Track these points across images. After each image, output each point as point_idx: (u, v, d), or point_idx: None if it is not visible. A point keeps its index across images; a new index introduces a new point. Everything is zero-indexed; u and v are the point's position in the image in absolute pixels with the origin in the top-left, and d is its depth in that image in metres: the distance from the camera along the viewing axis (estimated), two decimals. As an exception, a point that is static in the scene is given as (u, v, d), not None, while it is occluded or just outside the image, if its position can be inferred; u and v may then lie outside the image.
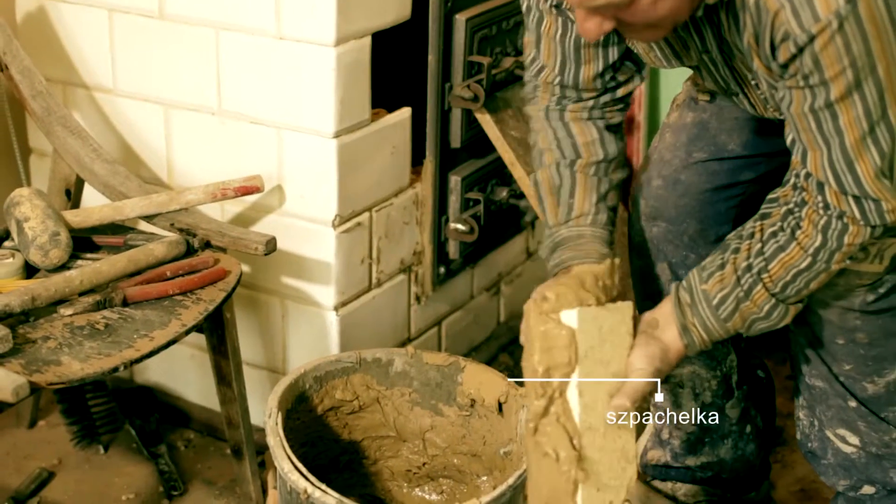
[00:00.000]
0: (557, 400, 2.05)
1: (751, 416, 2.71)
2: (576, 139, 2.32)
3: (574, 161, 2.31)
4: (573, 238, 2.27)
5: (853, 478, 2.45)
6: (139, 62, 2.87)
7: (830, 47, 1.89)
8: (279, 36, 2.67)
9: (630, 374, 2.10)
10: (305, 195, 2.76)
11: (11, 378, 2.07)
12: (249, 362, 2.90)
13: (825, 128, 1.97)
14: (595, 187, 2.30)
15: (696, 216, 2.54)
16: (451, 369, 2.53)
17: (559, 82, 2.31)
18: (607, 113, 2.34)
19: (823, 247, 2.06)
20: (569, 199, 2.30)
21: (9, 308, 2.27)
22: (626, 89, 2.34)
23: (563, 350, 2.05)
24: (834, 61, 1.90)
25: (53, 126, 2.76)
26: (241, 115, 2.78)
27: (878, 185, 1.98)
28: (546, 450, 2.05)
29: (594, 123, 2.33)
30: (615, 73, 2.31)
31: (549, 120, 2.34)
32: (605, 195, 2.31)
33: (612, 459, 2.08)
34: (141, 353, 2.27)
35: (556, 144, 2.33)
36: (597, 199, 2.30)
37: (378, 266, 2.91)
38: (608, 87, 2.32)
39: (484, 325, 3.40)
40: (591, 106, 2.33)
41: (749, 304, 2.13)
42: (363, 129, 2.76)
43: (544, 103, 2.35)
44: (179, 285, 2.44)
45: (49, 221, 2.48)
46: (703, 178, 2.53)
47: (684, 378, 2.65)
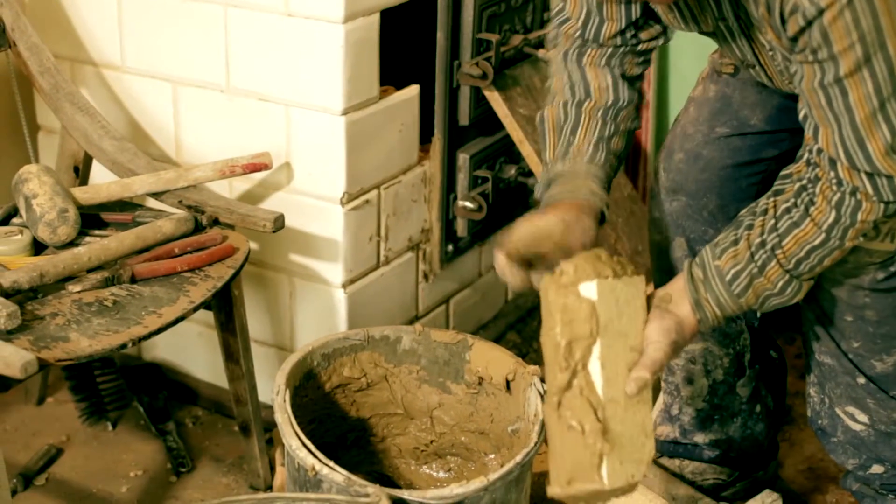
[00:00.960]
0: (580, 373, 2.05)
1: (761, 396, 2.71)
2: (589, 82, 2.31)
3: (583, 101, 2.30)
4: (567, 174, 2.26)
5: (862, 456, 2.45)
6: (148, 39, 2.87)
7: (839, 21, 1.88)
8: (288, 13, 2.66)
9: (647, 347, 2.10)
10: (314, 172, 2.76)
11: (20, 354, 2.07)
12: (257, 339, 2.90)
13: (835, 104, 1.96)
14: (599, 128, 2.29)
15: (717, 191, 2.54)
16: (459, 347, 2.53)
17: (581, 34, 2.31)
18: (626, 63, 2.33)
19: (837, 223, 2.05)
20: (570, 136, 2.29)
21: (17, 285, 2.27)
22: (648, 45, 2.33)
23: (585, 322, 2.05)
24: (843, 35, 1.89)
25: (62, 103, 2.76)
26: (249, 92, 2.77)
27: (890, 161, 1.97)
28: (571, 423, 2.04)
29: (611, 70, 2.32)
30: (637, 31, 2.30)
31: (567, 62, 2.34)
32: (610, 138, 2.30)
33: (632, 433, 2.08)
34: (149, 329, 2.27)
35: (568, 86, 2.33)
36: (598, 139, 2.28)
37: (386, 244, 2.91)
38: (629, 43, 2.31)
39: (492, 302, 3.40)
40: (609, 54, 2.32)
41: (763, 280, 2.12)
42: (371, 107, 2.76)
43: (564, 48, 2.34)
44: (187, 262, 2.44)
45: (57, 198, 2.48)
46: (725, 154, 2.53)
47: (696, 355, 2.66)
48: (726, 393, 2.68)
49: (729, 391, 2.68)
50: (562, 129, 2.29)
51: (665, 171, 2.59)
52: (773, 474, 2.82)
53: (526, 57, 3.10)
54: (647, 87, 3.65)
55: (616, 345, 2.07)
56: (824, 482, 2.89)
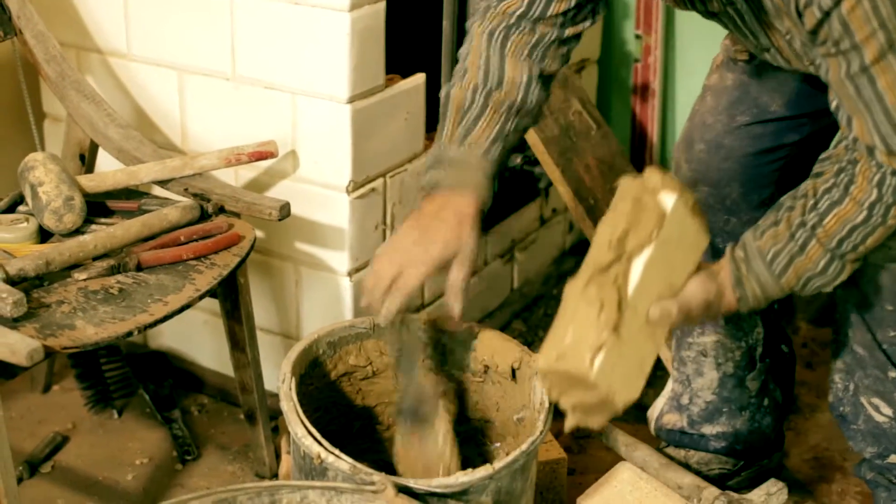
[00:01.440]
0: (622, 263, 2.04)
1: (769, 390, 2.71)
2: (505, 73, 2.27)
3: (493, 91, 2.27)
4: (459, 161, 2.24)
5: (881, 446, 2.46)
6: (153, 27, 2.87)
7: (857, 10, 1.87)
8: (294, 0, 2.66)
9: (684, 291, 2.11)
10: (319, 161, 2.75)
11: (26, 342, 2.07)
12: (263, 328, 2.90)
13: (864, 93, 1.96)
14: (500, 123, 2.27)
15: (739, 179, 2.55)
16: (465, 335, 2.53)
17: (520, 14, 2.25)
18: (548, 57, 2.29)
19: (879, 201, 2.04)
20: (471, 124, 2.26)
21: (23, 272, 2.27)
22: (575, 30, 2.28)
23: (649, 222, 2.04)
24: (863, 24, 1.88)
25: (67, 91, 2.76)
26: (255, 80, 2.77)
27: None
28: (593, 299, 2.03)
29: (530, 67, 2.28)
30: (577, 12, 2.27)
31: (490, 44, 2.28)
32: (508, 134, 2.28)
33: (633, 358, 2.07)
34: (155, 317, 2.27)
35: (483, 71, 2.28)
36: (496, 135, 2.26)
37: (392, 232, 2.91)
38: (565, 25, 2.27)
39: (497, 291, 3.40)
40: (535, 44, 2.27)
41: (804, 259, 2.11)
42: (377, 95, 2.76)
43: (491, 26, 2.28)
44: (193, 250, 2.44)
45: (63, 186, 2.48)
46: (747, 143, 2.54)
47: (708, 347, 2.65)
48: (735, 386, 2.68)
49: (738, 384, 2.68)
50: (465, 114, 2.27)
51: (687, 163, 2.60)
52: (778, 463, 2.82)
53: (532, 45, 3.10)
54: (652, 78, 3.65)
55: (662, 265, 2.06)
56: (830, 471, 2.89)
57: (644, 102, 3.68)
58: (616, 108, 3.80)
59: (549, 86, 2.34)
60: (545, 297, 3.49)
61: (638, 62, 3.67)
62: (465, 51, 2.33)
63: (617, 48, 3.74)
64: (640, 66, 3.66)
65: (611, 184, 3.08)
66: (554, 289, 3.54)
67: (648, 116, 3.69)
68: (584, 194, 3.02)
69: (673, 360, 2.79)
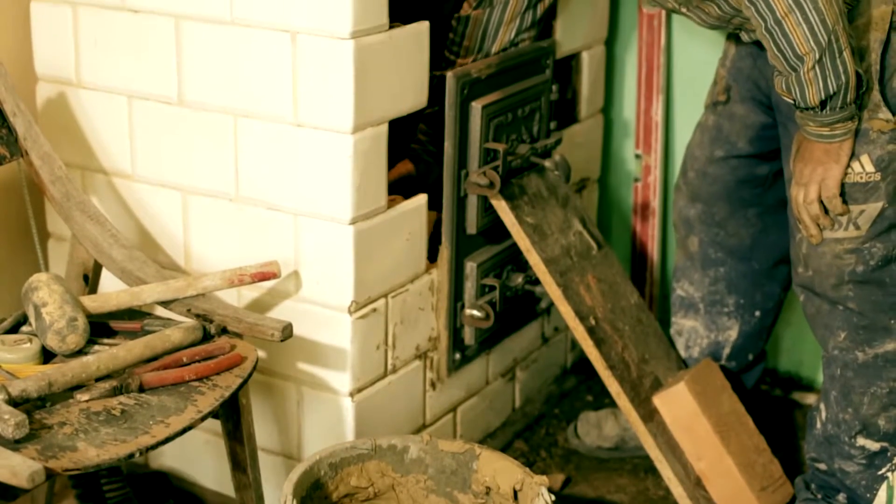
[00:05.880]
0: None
1: None
2: None
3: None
4: None
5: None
6: (158, 148, 2.90)
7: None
8: (297, 123, 2.69)
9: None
10: (321, 281, 2.77)
11: (27, 464, 2.07)
12: (264, 448, 2.89)
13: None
14: None
15: (726, 200, 3.15)
16: (467, 456, 2.53)
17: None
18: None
19: None
20: None
21: (26, 393, 2.27)
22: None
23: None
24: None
25: (72, 211, 2.78)
26: (258, 201, 2.79)
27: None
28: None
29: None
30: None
31: None
32: None
33: None
34: (157, 439, 2.26)
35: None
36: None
37: (394, 352, 2.91)
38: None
39: (499, 410, 3.39)
40: None
41: None
42: (379, 216, 2.78)
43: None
44: (196, 371, 2.44)
45: (67, 307, 2.49)
46: (726, 171, 3.12)
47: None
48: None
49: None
50: None
51: (685, 185, 3.21)
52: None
53: (532, 166, 3.13)
54: (652, 197, 3.67)
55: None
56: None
57: (644, 221, 3.70)
58: (616, 227, 3.83)
59: None
60: (547, 417, 3.48)
61: (638, 182, 3.69)
62: None
63: (617, 167, 3.77)
64: (640, 186, 3.69)
65: (612, 303, 3.11)
66: (556, 408, 3.53)
67: (649, 235, 3.71)
68: (585, 313, 3.03)
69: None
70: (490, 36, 3.09)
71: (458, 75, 2.88)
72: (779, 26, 2.49)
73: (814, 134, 2.62)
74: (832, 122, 2.58)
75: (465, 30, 3.09)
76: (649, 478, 3.19)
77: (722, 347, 3.27)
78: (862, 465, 2.84)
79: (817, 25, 2.46)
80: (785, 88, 2.58)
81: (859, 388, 2.80)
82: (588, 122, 3.59)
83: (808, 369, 3.63)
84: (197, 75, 2.80)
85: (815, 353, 2.93)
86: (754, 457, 3.05)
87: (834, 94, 2.53)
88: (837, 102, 2.54)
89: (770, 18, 2.49)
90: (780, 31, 2.49)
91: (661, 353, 3.22)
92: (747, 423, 3.12)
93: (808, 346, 3.48)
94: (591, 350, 3.01)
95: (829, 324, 2.81)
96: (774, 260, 3.20)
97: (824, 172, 2.65)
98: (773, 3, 2.47)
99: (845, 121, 2.58)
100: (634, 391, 3.03)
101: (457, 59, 3.02)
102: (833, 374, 2.84)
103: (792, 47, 2.50)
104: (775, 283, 3.24)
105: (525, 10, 3.09)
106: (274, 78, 2.70)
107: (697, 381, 3.06)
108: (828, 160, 2.64)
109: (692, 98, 3.32)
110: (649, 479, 3.19)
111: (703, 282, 3.25)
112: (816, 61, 2.49)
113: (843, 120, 2.58)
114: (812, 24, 2.46)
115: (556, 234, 3.10)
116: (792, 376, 3.67)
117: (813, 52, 2.48)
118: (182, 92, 2.82)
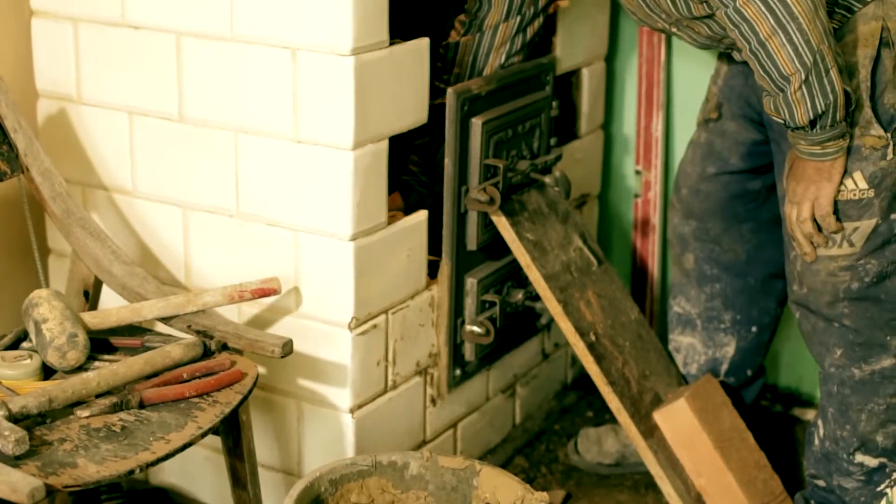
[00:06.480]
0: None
1: None
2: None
3: None
4: None
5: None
6: (158, 164, 2.90)
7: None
8: (297, 139, 2.70)
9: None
10: (322, 297, 2.77)
11: (28, 480, 2.07)
12: (265, 464, 2.89)
13: None
14: None
15: (719, 216, 3.16)
16: (467, 473, 2.53)
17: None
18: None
19: None
20: None
21: (26, 410, 2.27)
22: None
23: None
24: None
25: (73, 227, 2.78)
26: (258, 217, 2.80)
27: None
28: None
29: None
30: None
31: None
32: None
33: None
34: (157, 455, 2.26)
35: None
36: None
37: (394, 368, 2.91)
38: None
39: (499, 427, 3.39)
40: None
41: None
42: (380, 232, 2.78)
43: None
44: (196, 388, 2.44)
45: (67, 323, 2.49)
46: (719, 188, 3.13)
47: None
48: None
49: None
50: None
51: (678, 202, 3.22)
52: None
53: (532, 182, 3.13)
54: (652, 213, 3.67)
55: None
56: None
57: (644, 237, 3.70)
58: (617, 243, 3.83)
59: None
60: (547, 433, 3.48)
61: (638, 197, 3.70)
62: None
63: (617, 183, 3.78)
64: (640, 202, 3.70)
65: (612, 319, 3.11)
66: (556, 424, 3.53)
67: (649, 251, 3.71)
68: (585, 329, 3.03)
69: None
70: (480, 61, 3.10)
71: (458, 91, 2.89)
72: (763, 48, 2.49)
73: (805, 152, 2.62)
74: (823, 141, 2.58)
75: (455, 56, 3.10)
76: (650, 494, 3.19)
77: (720, 363, 3.27)
78: (861, 482, 2.84)
79: (802, 46, 2.46)
80: (773, 109, 2.58)
81: (856, 404, 2.80)
82: (588, 138, 3.60)
83: (808, 385, 3.63)
84: (197, 91, 2.80)
85: (814, 369, 2.92)
86: (755, 473, 3.05)
87: (823, 114, 2.53)
88: (827, 121, 2.54)
89: (754, 40, 2.50)
90: (764, 53, 2.49)
91: (661, 369, 3.23)
92: (748, 438, 3.11)
93: (808, 362, 3.47)
94: (591, 366, 3.01)
95: (825, 341, 2.81)
96: (770, 275, 3.20)
97: (817, 191, 2.66)
98: (757, 26, 2.47)
99: (836, 139, 2.59)
100: (635, 407, 3.03)
101: (446, 86, 3.02)
102: (830, 391, 2.84)
103: (777, 68, 2.50)
104: (771, 299, 3.24)
105: (515, 34, 3.09)
106: (274, 94, 2.70)
107: (698, 398, 3.06)
108: (820, 178, 2.65)
109: (692, 114, 3.33)
110: (650, 496, 3.19)
111: (700, 298, 3.25)
112: (803, 81, 2.49)
113: (835, 138, 2.58)
114: (796, 44, 2.46)
115: (556, 250, 3.10)
116: (792, 392, 3.67)
117: (799, 72, 2.48)
118: (183, 108, 2.83)
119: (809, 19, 2.45)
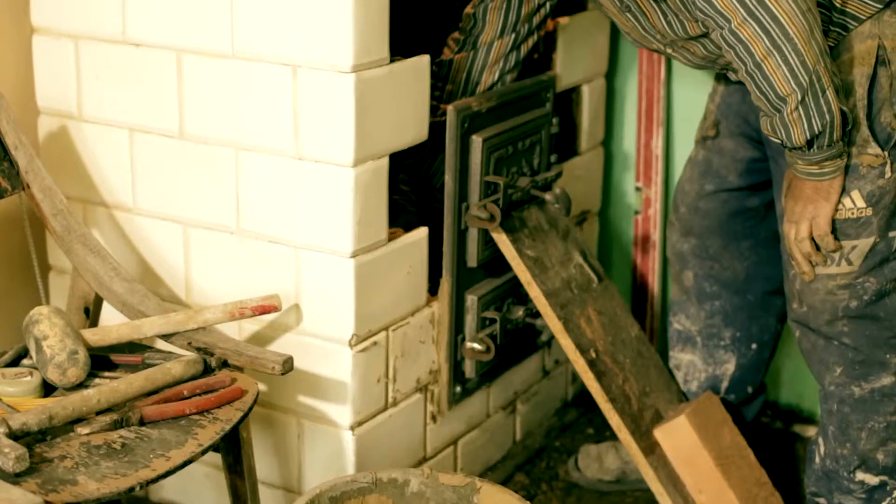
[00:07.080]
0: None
1: None
2: None
3: None
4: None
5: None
6: (159, 181, 2.91)
7: None
8: (298, 156, 2.70)
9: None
10: (322, 314, 2.77)
11: (28, 498, 2.07)
12: (265, 481, 2.89)
13: None
14: None
15: (718, 234, 3.17)
16: (467, 490, 2.52)
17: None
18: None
19: None
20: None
21: (26, 427, 2.27)
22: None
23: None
24: None
25: (73, 244, 2.78)
26: (259, 234, 2.80)
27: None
28: None
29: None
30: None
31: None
32: None
33: None
34: (157, 472, 2.26)
35: None
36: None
37: (394, 385, 2.91)
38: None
39: (500, 444, 3.39)
40: None
41: None
42: (380, 249, 2.78)
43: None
44: (196, 405, 2.44)
45: (67, 340, 2.49)
46: (717, 205, 3.14)
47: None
48: None
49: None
50: None
51: (677, 220, 3.23)
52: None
53: (533, 199, 3.13)
54: (652, 230, 3.68)
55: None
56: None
57: (645, 254, 3.70)
58: (617, 259, 3.83)
59: None
60: (548, 450, 3.48)
61: (638, 214, 3.70)
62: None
63: (617, 200, 3.78)
64: (640, 219, 3.70)
65: (612, 335, 3.11)
66: (557, 441, 3.53)
67: (649, 268, 3.71)
68: (585, 346, 3.03)
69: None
70: (474, 79, 3.10)
71: (458, 108, 2.89)
72: (759, 69, 2.49)
73: (803, 172, 2.63)
74: (820, 161, 2.58)
75: (448, 74, 3.10)
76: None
77: (720, 381, 3.27)
78: (861, 500, 2.84)
79: (797, 67, 2.46)
80: (770, 129, 2.57)
81: (857, 423, 2.80)
82: (588, 154, 3.60)
83: (808, 402, 3.63)
84: (198, 108, 2.81)
85: (815, 386, 2.92)
86: (755, 490, 3.05)
87: (820, 134, 2.53)
88: (824, 141, 2.54)
89: (749, 62, 2.49)
90: (760, 74, 2.49)
91: (661, 386, 3.22)
92: (748, 456, 3.11)
93: (809, 379, 3.47)
94: (591, 383, 3.01)
95: (824, 359, 2.81)
96: (769, 292, 3.20)
97: (815, 210, 2.66)
98: (752, 47, 2.47)
99: (834, 158, 2.59)
100: (635, 424, 3.03)
101: (439, 104, 3.02)
102: (830, 409, 2.84)
103: (773, 89, 2.50)
104: (771, 316, 3.24)
105: (509, 52, 3.09)
106: (275, 111, 2.71)
107: (698, 415, 3.05)
108: (818, 198, 2.65)
109: (693, 131, 3.33)
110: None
111: (700, 315, 3.25)
112: (799, 102, 2.49)
113: (832, 158, 2.58)
114: (792, 65, 2.46)
115: (556, 267, 3.10)
116: (793, 409, 3.67)
117: (795, 93, 2.48)
118: (183, 125, 2.83)
119: (805, 40, 2.45)
